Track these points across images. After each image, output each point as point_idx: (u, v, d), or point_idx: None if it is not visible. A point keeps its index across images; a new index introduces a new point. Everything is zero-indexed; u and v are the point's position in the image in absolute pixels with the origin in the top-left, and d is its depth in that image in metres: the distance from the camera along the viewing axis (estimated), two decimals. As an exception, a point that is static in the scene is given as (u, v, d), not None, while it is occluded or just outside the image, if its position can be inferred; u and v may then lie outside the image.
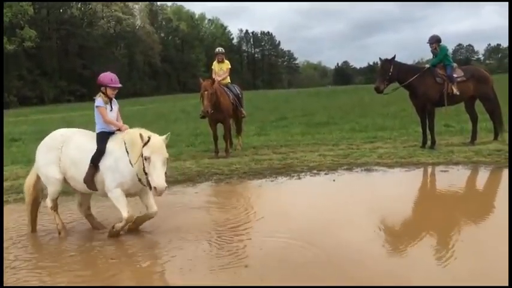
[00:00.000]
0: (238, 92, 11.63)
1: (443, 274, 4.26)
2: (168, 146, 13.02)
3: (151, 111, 34.36)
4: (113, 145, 5.70)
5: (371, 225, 5.66)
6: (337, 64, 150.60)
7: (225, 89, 11.14)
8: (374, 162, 9.40)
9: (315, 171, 8.93)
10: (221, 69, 11.57)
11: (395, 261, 4.73)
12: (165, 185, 5.12)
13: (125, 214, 5.49)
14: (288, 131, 15.99)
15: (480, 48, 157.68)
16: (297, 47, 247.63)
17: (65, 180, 5.92)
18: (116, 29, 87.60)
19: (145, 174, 5.28)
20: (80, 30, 79.73)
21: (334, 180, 8.17)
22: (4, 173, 9.46)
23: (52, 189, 5.93)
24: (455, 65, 10.50)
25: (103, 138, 5.81)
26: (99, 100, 5.94)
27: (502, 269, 4.17)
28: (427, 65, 10.66)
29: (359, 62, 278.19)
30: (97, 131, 5.95)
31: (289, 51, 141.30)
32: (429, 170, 8.82)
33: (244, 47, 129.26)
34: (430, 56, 11.20)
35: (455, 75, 10.27)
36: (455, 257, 4.66)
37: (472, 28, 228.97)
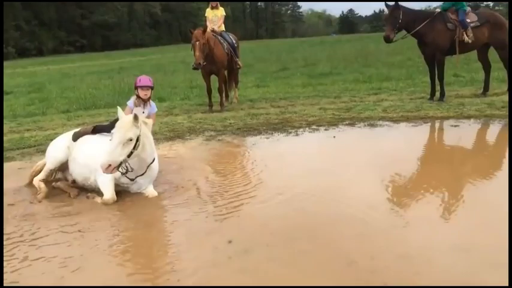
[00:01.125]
0: (234, 41, 10.81)
1: (442, 240, 3.81)
2: (162, 99, 12.72)
3: (150, 63, 33.39)
4: None
5: (373, 188, 5.09)
6: (342, 12, 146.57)
7: (219, 38, 10.34)
8: (378, 116, 8.74)
9: (314, 127, 8.30)
10: (215, 16, 10.74)
11: (394, 223, 4.22)
12: (105, 162, 4.71)
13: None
14: (288, 82, 15.25)
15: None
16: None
17: None
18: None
19: None
20: (77, -22, 77.25)
21: (334, 137, 7.54)
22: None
23: (49, 166, 5.79)
24: (468, 9, 9.60)
25: None
26: (130, 101, 5.92)
27: (502, 235, 3.75)
28: (438, 9, 9.78)
29: (365, 9, 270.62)
30: None
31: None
32: (437, 124, 8.15)
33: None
34: (431, 3, 10.33)
35: (468, 21, 9.41)
36: (458, 220, 4.29)
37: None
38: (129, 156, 4.89)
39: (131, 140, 4.86)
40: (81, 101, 12.97)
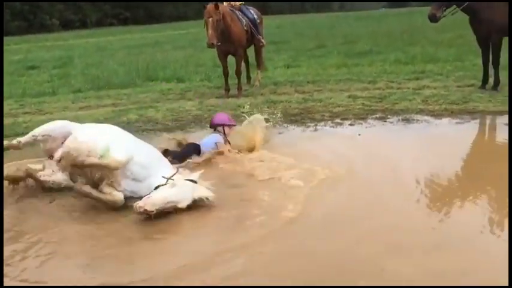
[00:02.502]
0: (255, 16, 9.59)
1: None
2: (181, 80, 11.74)
3: (187, 37, 32.47)
4: None
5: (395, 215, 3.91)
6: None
7: (238, 13, 9.15)
8: (416, 108, 7.39)
9: (338, 120, 7.08)
10: None
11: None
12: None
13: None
14: (323, 62, 13.93)
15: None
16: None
17: None
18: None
19: None
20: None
21: (359, 135, 6.29)
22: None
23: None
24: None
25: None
26: (220, 139, 5.83)
27: None
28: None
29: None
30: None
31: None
32: (488, 121, 6.76)
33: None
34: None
35: (532, -6, 7.80)
36: None
37: None
38: None
39: None
40: (97, 79, 12.15)
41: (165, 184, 4.11)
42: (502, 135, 6.07)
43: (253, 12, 9.62)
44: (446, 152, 5.45)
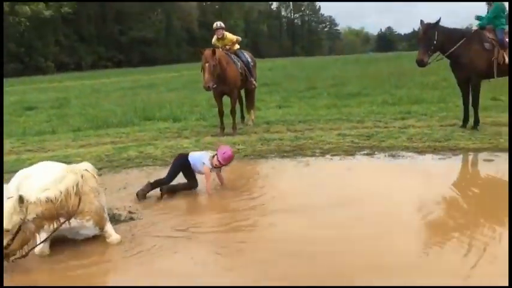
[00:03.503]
0: (249, 59, 10.17)
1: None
2: (177, 119, 12.15)
3: (181, 79, 33.19)
4: None
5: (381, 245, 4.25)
6: (381, 30, 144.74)
7: (233, 56, 9.71)
8: (401, 146, 7.83)
9: (329, 156, 7.50)
10: (224, 46, 10.05)
11: None
12: None
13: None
14: (313, 103, 14.48)
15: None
16: (339, 12, 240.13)
17: None
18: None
19: None
20: (117, -5, 78.99)
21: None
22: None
23: None
24: (507, 27, 8.61)
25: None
26: (208, 162, 6.01)
27: None
28: (475, 27, 8.83)
29: (404, 28, 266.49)
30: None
31: (330, 16, 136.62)
32: (470, 158, 7.19)
33: (283, 13, 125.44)
34: (472, 22, 9.32)
35: (507, 40, 8.42)
36: None
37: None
38: None
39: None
40: (95, 119, 12.56)
41: None
42: (480, 169, 6.69)
43: (247, 55, 10.20)
44: (427, 186, 5.86)
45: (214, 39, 10.23)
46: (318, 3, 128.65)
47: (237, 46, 10.15)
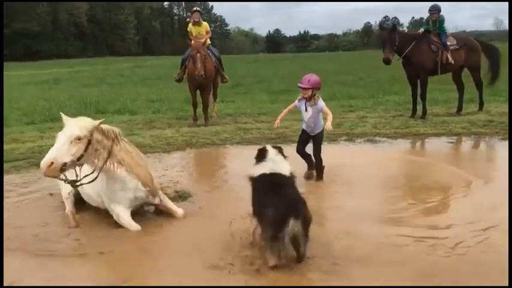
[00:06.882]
0: (218, 55, 10.64)
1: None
2: (134, 113, 12.11)
3: (85, 74, 31.96)
4: None
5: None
6: (269, 32, 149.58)
7: (208, 51, 10.11)
8: (372, 132, 8.90)
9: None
10: (199, 33, 10.31)
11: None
12: (47, 160, 4.05)
13: None
14: (252, 98, 15.20)
15: (405, 20, 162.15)
16: (228, 12, 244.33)
17: None
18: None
19: None
20: (-4, -17, 72.62)
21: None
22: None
23: None
24: (448, 32, 10.20)
25: None
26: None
27: None
28: (422, 29, 10.24)
29: (290, 30, 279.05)
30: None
31: (221, 16, 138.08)
32: (435, 141, 8.36)
33: (175, 10, 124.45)
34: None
35: (448, 43, 9.96)
36: None
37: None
38: (78, 159, 4.23)
39: (79, 139, 4.16)
40: (44, 112, 12.03)
41: None
42: (453, 148, 8.11)
43: (215, 51, 10.63)
44: (424, 161, 6.95)
45: (190, 26, 10.45)
46: (210, 3, 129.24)
47: (208, 41, 10.50)
